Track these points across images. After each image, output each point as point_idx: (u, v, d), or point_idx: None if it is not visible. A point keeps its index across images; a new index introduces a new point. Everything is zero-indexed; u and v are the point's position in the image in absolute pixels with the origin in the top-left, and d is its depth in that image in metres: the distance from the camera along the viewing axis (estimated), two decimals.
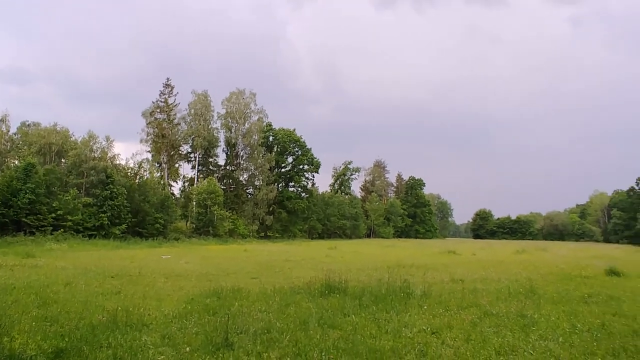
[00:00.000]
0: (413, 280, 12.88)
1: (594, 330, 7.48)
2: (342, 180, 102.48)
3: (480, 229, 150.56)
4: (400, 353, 6.05)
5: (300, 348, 6.10)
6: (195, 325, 7.32)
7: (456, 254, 32.75)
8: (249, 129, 64.77)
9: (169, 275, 14.98)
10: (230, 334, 6.48)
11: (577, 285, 13.64)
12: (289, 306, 9.05)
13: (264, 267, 19.39)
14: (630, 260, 27.75)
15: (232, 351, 5.95)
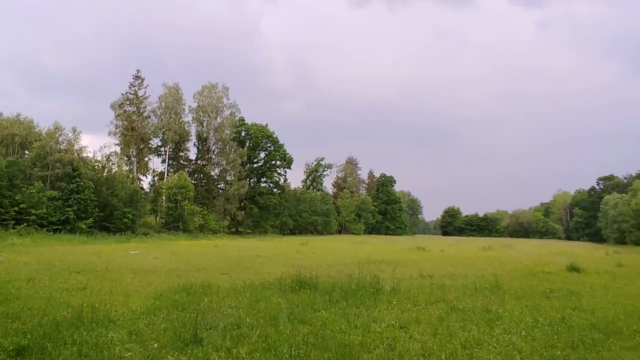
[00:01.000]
0: (383, 276, 13.06)
1: (555, 324, 7.76)
2: (314, 176, 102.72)
3: (449, 226, 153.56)
4: (369, 347, 6.14)
5: (270, 343, 6.12)
6: (164, 321, 7.24)
7: (425, 251, 33.30)
8: (221, 123, 64.05)
9: (137, 271, 14.72)
10: (199, 329, 6.44)
11: (540, 280, 14.12)
12: (259, 302, 9.05)
13: (234, 262, 19.27)
14: (590, 257, 28.84)
15: (201, 347, 5.92)
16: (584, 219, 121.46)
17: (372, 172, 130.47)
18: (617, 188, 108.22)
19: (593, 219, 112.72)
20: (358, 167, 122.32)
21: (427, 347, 6.24)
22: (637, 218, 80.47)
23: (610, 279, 15.14)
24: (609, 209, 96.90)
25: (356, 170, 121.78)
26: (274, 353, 5.76)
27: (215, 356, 5.64)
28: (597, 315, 8.54)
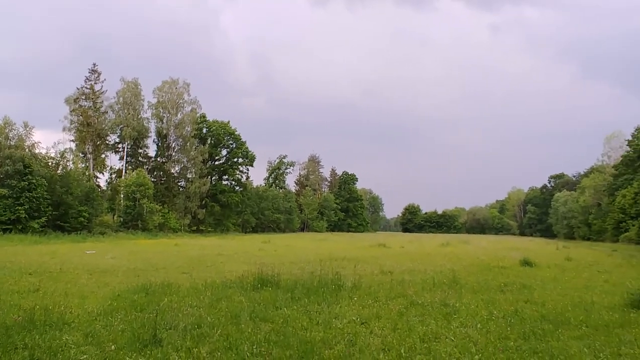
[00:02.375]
0: (344, 272, 13.20)
1: (508, 316, 8.08)
2: (277, 174, 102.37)
3: (409, 222, 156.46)
4: (330, 343, 6.21)
5: (231, 342, 6.09)
6: (122, 322, 7.07)
7: (386, 247, 33.79)
8: (182, 119, 62.75)
9: (93, 271, 14.28)
10: (158, 330, 6.33)
11: (495, 275, 14.67)
12: (220, 300, 8.97)
13: (195, 261, 18.99)
14: (542, 252, 30.13)
15: (161, 347, 5.83)
16: (537, 216, 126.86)
17: (334, 170, 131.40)
18: (567, 186, 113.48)
19: (545, 215, 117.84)
20: (320, 165, 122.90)
21: (387, 341, 6.38)
22: (584, 214, 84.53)
23: (560, 273, 15.91)
24: (559, 205, 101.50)
25: (319, 168, 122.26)
26: (235, 352, 5.75)
27: (175, 356, 5.56)
28: (548, 307, 8.94)
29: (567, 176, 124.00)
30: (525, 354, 5.88)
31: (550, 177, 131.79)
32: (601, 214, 76.04)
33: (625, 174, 67.76)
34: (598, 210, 78.65)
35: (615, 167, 74.10)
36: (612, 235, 65.80)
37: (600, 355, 5.81)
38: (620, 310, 8.69)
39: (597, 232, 76.12)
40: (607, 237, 68.31)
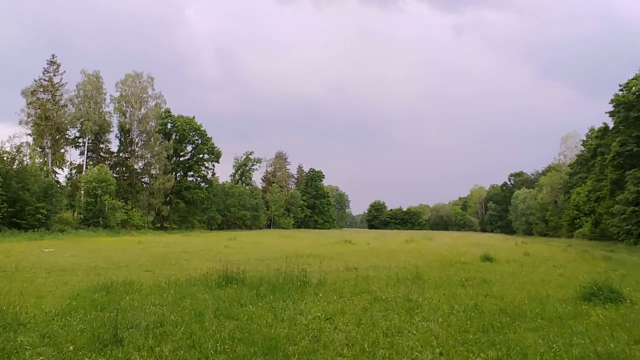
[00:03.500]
0: (310, 269, 13.26)
1: (469, 310, 8.30)
2: (243, 170, 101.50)
3: (375, 219, 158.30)
4: (295, 340, 6.24)
5: (194, 340, 6.03)
6: (81, 322, 6.88)
7: (352, 244, 34.13)
8: (146, 114, 61.16)
9: (51, 270, 13.82)
10: (119, 329, 6.20)
11: (457, 270, 15.05)
12: (184, 298, 8.86)
13: (158, 259, 18.65)
14: (501, 248, 31.12)
15: (122, 347, 5.71)
16: (497, 212, 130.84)
17: (301, 167, 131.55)
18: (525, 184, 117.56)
19: (505, 212, 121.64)
20: (287, 162, 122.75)
21: (351, 336, 6.46)
22: (542, 211, 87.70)
23: (518, 267, 16.47)
24: (519, 203, 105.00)
25: (285, 164, 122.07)
26: (198, 350, 5.69)
27: (136, 356, 5.47)
28: (506, 301, 9.22)
29: (526, 174, 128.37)
30: (483, 346, 6.06)
31: (510, 175, 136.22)
32: (557, 211, 79.07)
33: (579, 172, 70.64)
34: (554, 208, 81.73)
35: (571, 166, 77.18)
36: (567, 231, 68.48)
37: (554, 346, 6.03)
38: (573, 302, 9.06)
39: (554, 228, 79.13)
40: (562, 233, 71.09)
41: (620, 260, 22.84)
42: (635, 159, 43.55)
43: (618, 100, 45.38)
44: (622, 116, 44.82)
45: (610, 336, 6.54)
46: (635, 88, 43.45)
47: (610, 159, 47.54)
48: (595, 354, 5.68)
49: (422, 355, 5.69)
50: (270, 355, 5.61)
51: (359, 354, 5.73)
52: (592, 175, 60.58)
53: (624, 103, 44.31)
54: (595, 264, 19.46)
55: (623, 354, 5.69)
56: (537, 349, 5.89)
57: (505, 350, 5.83)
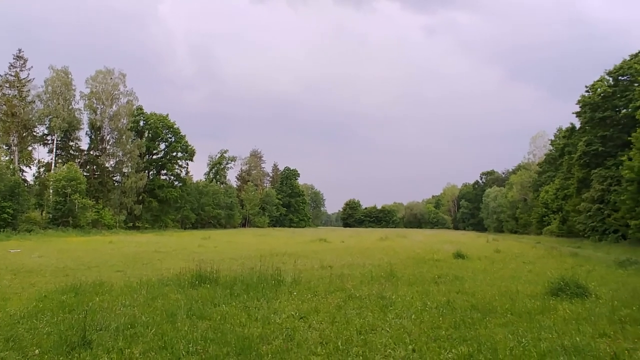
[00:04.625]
0: (285, 267, 13.23)
1: (441, 307, 8.41)
2: (218, 169, 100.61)
3: (350, 218, 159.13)
4: (268, 339, 6.20)
5: (166, 341, 5.93)
6: (48, 324, 6.68)
7: (327, 242, 34.19)
8: (117, 111, 59.79)
9: (17, 271, 13.40)
10: (88, 331, 6.05)
11: (430, 267, 15.24)
12: (156, 299, 8.71)
13: (130, 259, 18.29)
14: (473, 245, 31.73)
15: (90, 350, 5.57)
16: (469, 210, 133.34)
17: (276, 166, 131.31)
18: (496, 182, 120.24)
19: (477, 210, 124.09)
20: (262, 160, 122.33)
21: (324, 335, 6.46)
22: (512, 209, 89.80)
23: (489, 264, 16.81)
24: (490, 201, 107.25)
25: (260, 163, 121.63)
26: (170, 351, 5.60)
27: (106, 358, 5.35)
28: (477, 297, 9.38)
29: (497, 173, 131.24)
30: (455, 342, 6.14)
31: (482, 173, 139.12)
32: (527, 209, 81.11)
33: (548, 171, 72.65)
34: (524, 205, 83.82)
35: (540, 165, 79.31)
36: (536, 228, 70.33)
37: (523, 341, 6.16)
38: (542, 298, 9.29)
39: (523, 226, 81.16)
40: (532, 230, 72.98)
41: (586, 256, 23.59)
42: (600, 158, 45.01)
43: (584, 102, 46.79)
44: (588, 117, 46.23)
45: (577, 330, 6.72)
46: (600, 90, 44.86)
47: (577, 158, 49.02)
48: (562, 348, 5.82)
49: (395, 352, 5.73)
50: (243, 355, 5.56)
51: (332, 352, 5.73)
52: (559, 174, 62.37)
53: (590, 104, 45.71)
54: (563, 260, 20.03)
55: (588, 347, 5.85)
56: (507, 344, 6.00)
57: (476, 346, 5.92)
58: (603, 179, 43.68)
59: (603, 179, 43.66)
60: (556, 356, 5.56)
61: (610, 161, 43.22)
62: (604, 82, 45.14)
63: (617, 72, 44.12)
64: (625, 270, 15.58)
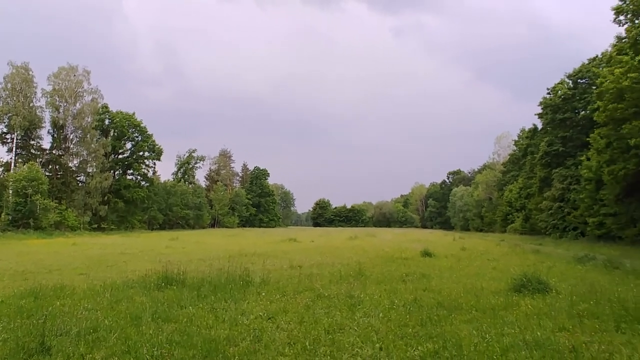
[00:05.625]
0: (253, 268, 13.16)
1: (408, 304, 8.51)
2: (186, 168, 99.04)
3: (320, 217, 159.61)
4: (235, 341, 6.13)
5: (130, 345, 5.78)
6: (4, 331, 6.40)
7: (296, 242, 34.15)
8: (81, 109, 58.00)
9: None
10: (47, 337, 5.83)
11: (398, 266, 15.43)
12: (120, 302, 8.49)
13: (94, 261, 17.76)
14: (440, 243, 32.31)
15: (49, 356, 5.37)
16: (437, 209, 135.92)
17: (246, 165, 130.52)
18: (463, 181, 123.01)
19: (444, 208, 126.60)
20: (232, 160, 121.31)
21: (293, 335, 6.44)
22: (478, 208, 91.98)
23: (456, 262, 17.15)
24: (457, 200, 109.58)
25: (230, 162, 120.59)
26: (134, 355, 5.47)
27: None
28: (443, 294, 9.54)
29: (463, 172, 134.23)
30: (421, 339, 6.23)
31: (449, 173, 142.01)
32: (492, 207, 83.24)
33: (512, 171, 74.74)
34: (489, 204, 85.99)
35: (504, 165, 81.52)
36: (500, 226, 72.25)
37: (487, 336, 6.31)
38: (505, 294, 9.54)
39: (489, 224, 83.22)
40: (496, 228, 74.93)
41: (548, 253, 24.40)
42: (560, 158, 46.64)
43: (546, 103, 48.38)
44: (549, 118, 47.84)
45: (538, 325, 6.93)
46: (560, 92, 46.49)
47: (538, 158, 50.67)
48: (523, 343, 5.99)
49: (363, 351, 5.76)
50: (209, 357, 5.49)
51: (300, 353, 5.72)
52: (523, 173, 64.27)
53: (551, 106, 47.30)
54: (525, 257, 20.66)
55: (548, 341, 6.04)
56: (472, 340, 6.12)
57: (441, 343, 6.01)
58: (563, 178, 45.30)
59: (563, 178, 45.28)
60: (518, 351, 5.70)
61: (570, 161, 44.89)
62: (564, 84, 46.83)
63: (576, 75, 45.84)
64: (584, 266, 16.21)
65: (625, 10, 25.44)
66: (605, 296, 8.75)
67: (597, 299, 8.51)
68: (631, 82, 23.53)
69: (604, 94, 27.43)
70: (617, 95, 25.50)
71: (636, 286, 10.24)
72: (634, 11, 24.92)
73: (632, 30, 25.22)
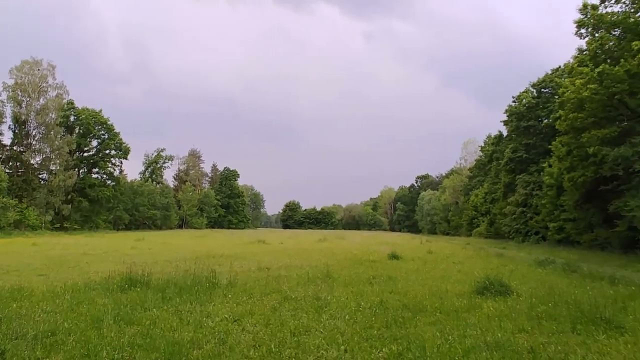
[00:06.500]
0: (220, 270, 13.04)
1: (374, 306, 8.60)
2: (154, 168, 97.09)
3: (289, 219, 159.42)
4: (200, 343, 6.06)
5: (89, 349, 5.62)
6: None
7: (265, 243, 34.02)
8: (45, 105, 55.98)
9: None
10: (2, 340, 5.63)
11: (366, 268, 15.55)
12: (81, 304, 8.24)
13: (55, 262, 17.18)
14: (408, 246, 32.76)
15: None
16: (405, 213, 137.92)
17: (215, 166, 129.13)
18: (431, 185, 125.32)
19: (412, 212, 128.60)
20: (201, 160, 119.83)
21: (258, 337, 6.41)
22: (445, 212, 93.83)
23: (422, 265, 17.40)
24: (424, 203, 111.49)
25: (199, 163, 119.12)
26: (93, 359, 5.33)
27: None
28: (409, 297, 9.68)
29: (431, 177, 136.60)
30: (386, 341, 6.31)
31: (417, 177, 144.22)
32: (458, 211, 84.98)
33: (478, 176, 76.53)
34: (456, 208, 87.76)
35: (470, 170, 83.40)
36: (466, 230, 73.80)
37: (450, 338, 6.44)
38: (469, 296, 9.77)
39: (455, 228, 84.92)
40: (462, 232, 76.52)
41: (510, 256, 25.07)
42: (524, 164, 48.08)
43: (511, 111, 49.77)
44: (514, 125, 49.23)
45: (499, 326, 7.13)
46: (525, 100, 47.93)
47: (503, 164, 52.07)
48: (485, 344, 6.15)
49: (328, 353, 5.79)
50: None
51: (265, 355, 5.70)
52: (488, 179, 65.87)
53: (516, 113, 48.70)
54: (489, 260, 21.18)
55: (508, 342, 6.22)
56: (435, 342, 6.24)
57: (405, 344, 6.11)
58: (526, 184, 46.69)
59: (526, 184, 46.67)
60: (479, 352, 5.85)
61: (533, 167, 46.31)
62: (529, 93, 48.28)
63: (540, 85, 47.38)
64: (544, 269, 16.73)
65: (586, 24, 26.44)
66: (562, 298, 9.05)
67: (555, 301, 8.78)
68: (590, 93, 24.42)
69: (565, 103, 28.37)
70: (578, 105, 26.44)
71: (592, 289, 10.65)
72: (594, 25, 25.93)
73: (592, 43, 26.19)
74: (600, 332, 6.89)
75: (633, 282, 12.62)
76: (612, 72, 23.25)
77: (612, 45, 25.64)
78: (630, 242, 25.48)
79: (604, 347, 6.17)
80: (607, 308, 7.93)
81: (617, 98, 24.48)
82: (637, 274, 15.92)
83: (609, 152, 23.68)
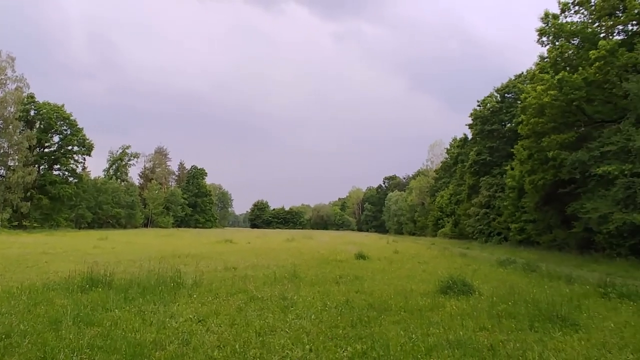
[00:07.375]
0: (186, 269, 12.86)
1: (340, 306, 8.66)
2: (119, 165, 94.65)
3: (257, 218, 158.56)
4: (163, 344, 5.95)
5: (46, 351, 5.44)
6: None
7: (233, 243, 33.69)
8: (3, 98, 53.51)
9: None
10: None
11: (333, 268, 15.62)
12: (38, 305, 7.96)
13: (12, 261, 16.50)
14: (375, 246, 33.11)
15: None
16: (372, 213, 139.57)
17: (183, 164, 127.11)
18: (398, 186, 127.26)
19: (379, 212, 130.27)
20: (168, 158, 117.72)
21: (223, 338, 6.35)
22: (411, 212, 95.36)
23: (388, 264, 17.63)
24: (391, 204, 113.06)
25: (166, 161, 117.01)
26: None
27: None
28: (375, 296, 9.79)
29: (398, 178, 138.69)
30: (351, 340, 6.37)
31: (385, 178, 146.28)
32: (424, 212, 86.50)
33: (443, 177, 78.16)
34: (422, 209, 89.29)
35: (436, 172, 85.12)
36: (432, 230, 75.19)
37: (413, 337, 6.56)
38: (432, 295, 9.95)
39: (421, 228, 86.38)
40: (428, 232, 77.91)
41: (474, 256, 25.71)
42: (488, 167, 49.44)
43: (476, 115, 51.09)
44: (478, 129, 50.55)
45: (461, 325, 7.31)
46: (489, 105, 49.29)
47: (468, 166, 53.40)
48: (447, 342, 6.30)
49: (293, 353, 5.80)
50: None
51: (229, 355, 5.66)
52: (453, 181, 67.37)
53: (481, 117, 50.01)
54: (453, 260, 21.66)
55: (470, 340, 6.39)
56: (399, 340, 6.34)
57: (370, 343, 6.18)
58: (490, 186, 47.99)
59: (490, 186, 47.97)
60: (441, 350, 5.98)
61: (496, 170, 47.66)
62: (493, 98, 49.68)
63: (503, 90, 48.83)
64: (505, 269, 17.24)
65: (548, 33, 27.38)
66: (522, 297, 9.35)
67: (515, 300, 9.07)
68: (551, 99, 25.31)
69: (527, 108, 29.28)
70: (538, 110, 27.34)
71: (549, 288, 11.06)
72: (555, 34, 26.88)
73: (553, 51, 27.14)
74: (556, 329, 7.16)
75: (588, 281, 13.12)
76: (570, 80, 24.15)
77: (571, 53, 26.63)
78: (586, 242, 26.52)
79: (560, 344, 6.41)
80: (563, 306, 8.24)
81: (575, 104, 25.45)
82: (592, 273, 16.57)
83: (567, 157, 24.59)
